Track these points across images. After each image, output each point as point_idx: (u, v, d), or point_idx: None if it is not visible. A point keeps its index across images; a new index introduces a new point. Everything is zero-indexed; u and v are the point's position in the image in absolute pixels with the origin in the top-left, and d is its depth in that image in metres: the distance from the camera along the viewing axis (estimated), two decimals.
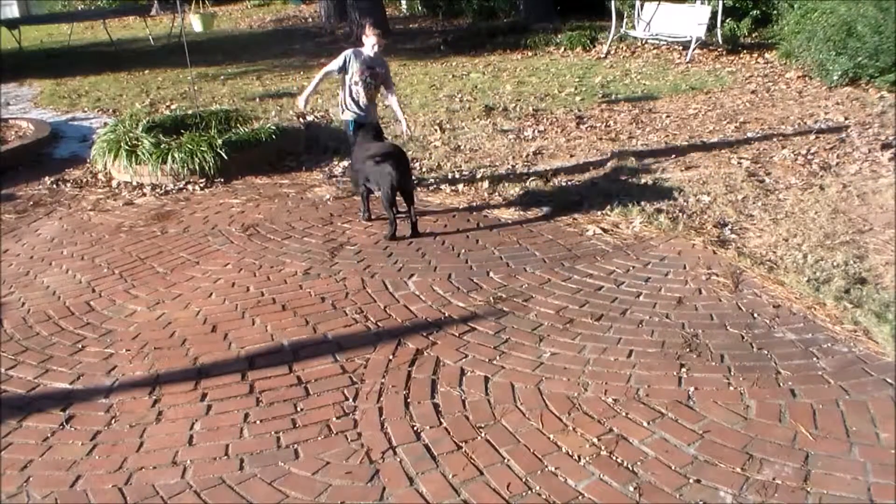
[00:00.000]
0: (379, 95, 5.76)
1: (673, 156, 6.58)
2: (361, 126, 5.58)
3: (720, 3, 11.10)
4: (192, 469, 3.02)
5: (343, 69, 5.53)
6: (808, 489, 2.73)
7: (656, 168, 6.29)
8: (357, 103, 5.60)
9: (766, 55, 10.78)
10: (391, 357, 3.71)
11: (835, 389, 3.28)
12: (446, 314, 4.10)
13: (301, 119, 8.41)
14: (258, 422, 3.29)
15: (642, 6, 11.64)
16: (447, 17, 16.97)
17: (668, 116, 7.92)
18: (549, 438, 3.07)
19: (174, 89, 10.63)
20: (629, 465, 2.89)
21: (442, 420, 3.22)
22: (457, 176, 6.33)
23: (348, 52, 5.57)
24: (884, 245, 4.63)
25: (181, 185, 6.49)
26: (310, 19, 18.60)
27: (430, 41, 14.11)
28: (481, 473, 2.90)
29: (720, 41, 11.21)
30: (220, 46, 14.45)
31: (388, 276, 4.58)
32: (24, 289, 4.73)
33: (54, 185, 6.74)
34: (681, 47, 11.35)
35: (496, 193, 5.88)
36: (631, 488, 2.78)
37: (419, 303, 4.24)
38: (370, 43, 5.51)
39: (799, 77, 9.33)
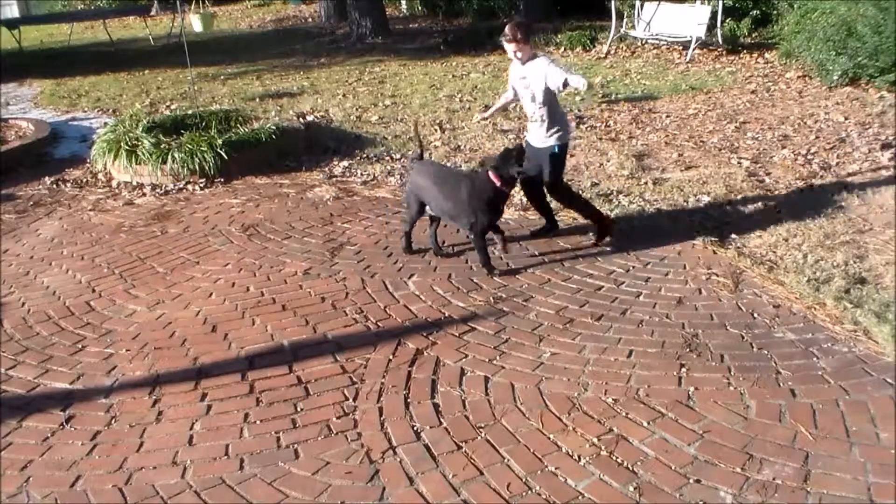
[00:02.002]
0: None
1: (673, 156, 6.58)
2: (531, 152, 4.65)
3: (720, 3, 11.10)
4: (192, 469, 3.02)
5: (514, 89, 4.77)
6: (808, 489, 2.73)
7: (656, 168, 6.29)
8: (529, 124, 4.77)
9: (766, 55, 10.78)
10: (391, 357, 3.71)
11: (835, 389, 3.28)
12: (446, 314, 4.10)
13: (301, 119, 8.41)
14: (258, 422, 3.29)
15: (642, 6, 11.64)
16: (447, 17, 16.96)
17: (668, 116, 7.92)
18: (549, 438, 3.07)
19: (174, 89, 10.63)
20: (629, 465, 2.89)
21: (442, 420, 3.22)
22: None
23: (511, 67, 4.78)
24: (884, 245, 4.63)
25: (181, 185, 6.49)
26: (310, 19, 18.61)
27: (430, 41, 14.11)
28: (481, 473, 2.90)
29: (720, 41, 11.21)
30: (220, 46, 14.45)
31: (388, 276, 4.58)
32: (24, 289, 4.73)
33: (54, 185, 6.74)
34: (681, 47, 11.35)
35: None
36: (631, 488, 2.78)
37: (419, 303, 4.24)
38: (510, 52, 4.57)
39: (799, 77, 9.33)
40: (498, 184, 4.30)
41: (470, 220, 4.40)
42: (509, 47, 4.54)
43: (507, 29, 4.51)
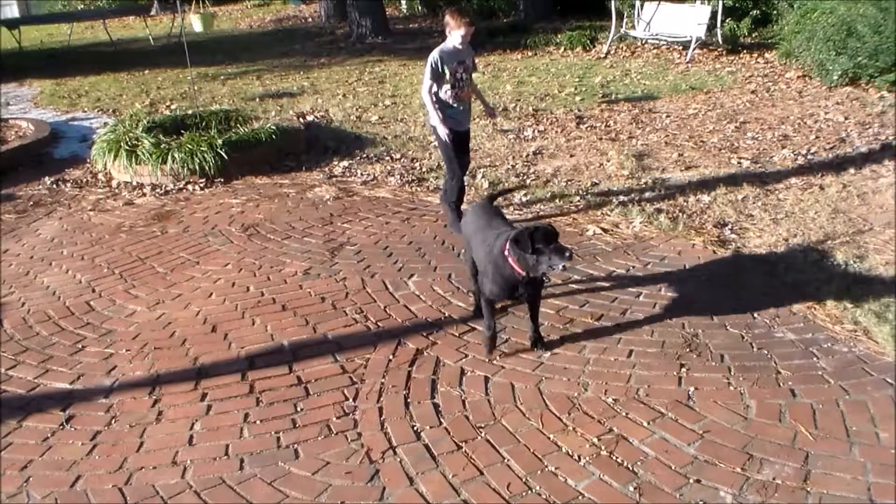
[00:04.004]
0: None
1: (673, 156, 6.58)
2: (459, 135, 4.96)
3: (720, 3, 11.09)
4: (192, 469, 3.02)
5: (439, 76, 4.78)
6: (808, 489, 2.73)
7: (656, 168, 6.29)
8: (451, 108, 4.88)
9: (766, 55, 10.78)
10: (391, 357, 3.71)
11: (835, 389, 3.28)
12: (446, 314, 4.09)
13: (301, 119, 8.41)
14: (258, 422, 3.29)
15: (642, 6, 11.64)
16: None
17: (668, 116, 7.92)
18: (549, 438, 3.07)
19: (174, 89, 10.63)
20: (629, 465, 2.89)
21: (442, 420, 3.22)
22: None
23: (434, 55, 4.76)
24: (884, 245, 4.63)
25: (181, 185, 6.49)
26: (310, 19, 18.60)
27: (430, 41, 14.10)
28: (481, 473, 2.90)
29: (720, 41, 11.21)
30: (220, 46, 14.45)
31: (388, 276, 4.57)
32: (24, 289, 4.73)
33: (54, 185, 6.74)
34: (681, 47, 11.35)
35: None
36: (631, 488, 2.78)
37: (419, 303, 4.24)
38: (458, 34, 4.68)
39: (799, 77, 9.33)
40: (511, 261, 3.44)
41: (480, 283, 3.73)
42: (468, 31, 4.71)
43: (466, 16, 4.73)
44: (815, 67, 9.08)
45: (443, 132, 4.84)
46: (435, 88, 4.84)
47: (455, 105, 4.91)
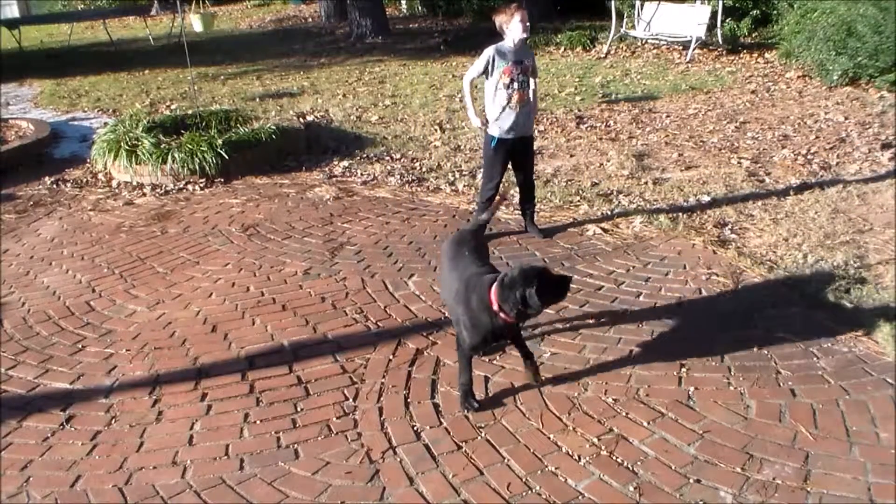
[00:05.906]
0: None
1: (673, 156, 6.58)
2: (514, 145, 4.70)
3: (720, 3, 11.10)
4: (192, 469, 3.02)
5: (486, 73, 4.59)
6: (808, 489, 2.73)
7: (656, 168, 6.29)
8: (507, 114, 4.62)
9: (766, 55, 10.79)
10: (391, 357, 3.71)
11: (835, 389, 3.28)
12: (446, 314, 4.09)
13: (301, 119, 8.41)
14: (258, 422, 3.29)
15: (642, 6, 11.64)
16: (447, 17, 16.97)
17: (668, 116, 7.92)
18: (549, 438, 3.07)
19: (174, 89, 10.63)
20: (629, 465, 2.89)
21: (442, 420, 3.22)
22: (457, 176, 6.33)
23: (490, 50, 4.54)
24: (884, 245, 4.63)
25: (181, 185, 6.48)
26: (310, 19, 18.61)
27: (430, 41, 14.11)
28: (481, 473, 2.90)
29: (720, 41, 11.22)
30: (220, 46, 14.45)
31: (388, 276, 4.57)
32: (24, 289, 4.73)
33: (54, 185, 6.74)
34: (681, 47, 11.35)
35: None
36: (631, 488, 2.78)
37: (419, 303, 4.24)
38: (515, 26, 4.43)
39: (799, 77, 9.34)
40: (495, 307, 3.03)
41: (457, 329, 3.28)
42: (517, 18, 4.44)
43: (517, 5, 4.49)
44: (815, 67, 9.09)
45: (475, 122, 4.73)
46: (477, 79, 4.66)
47: (508, 108, 4.61)
